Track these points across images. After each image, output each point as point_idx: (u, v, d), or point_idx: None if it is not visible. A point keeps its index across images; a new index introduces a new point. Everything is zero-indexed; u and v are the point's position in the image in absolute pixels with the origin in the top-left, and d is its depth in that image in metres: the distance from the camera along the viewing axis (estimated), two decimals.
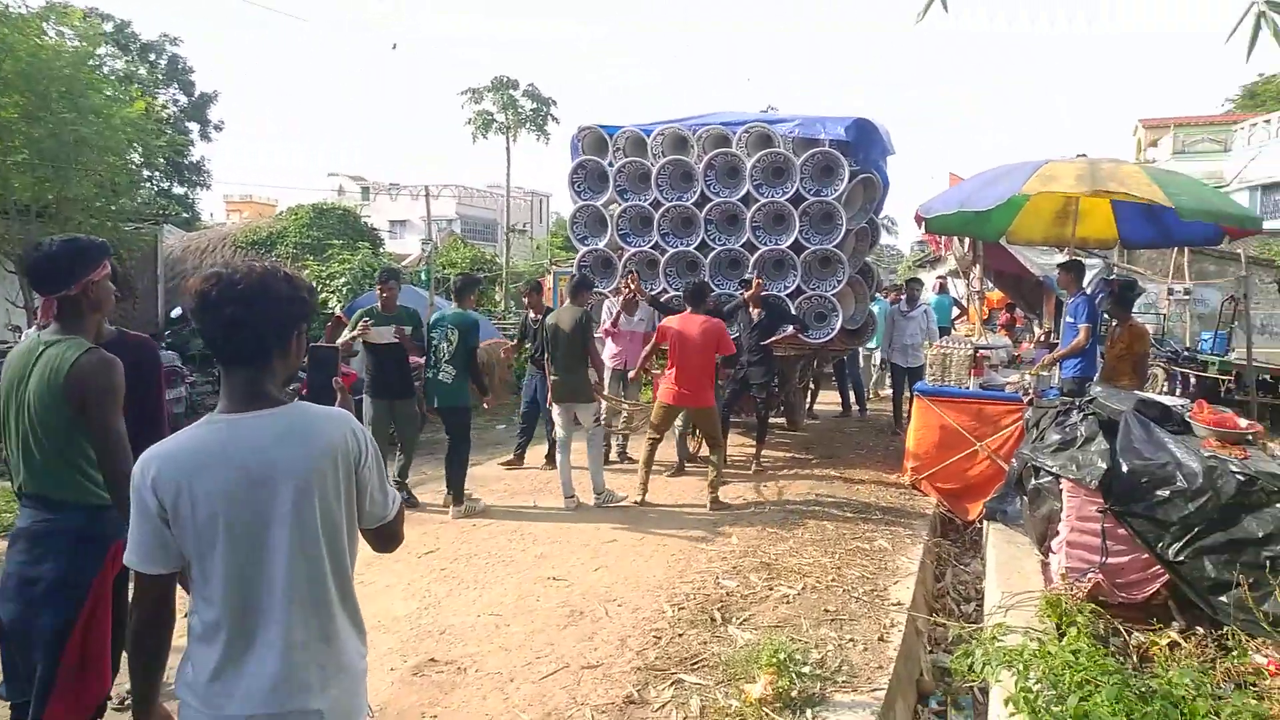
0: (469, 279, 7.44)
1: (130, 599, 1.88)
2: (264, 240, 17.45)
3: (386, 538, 2.06)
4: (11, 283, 10.73)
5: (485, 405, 7.29)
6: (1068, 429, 4.94)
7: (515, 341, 9.00)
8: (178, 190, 29.83)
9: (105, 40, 17.72)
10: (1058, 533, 4.78)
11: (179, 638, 1.93)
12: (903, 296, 10.84)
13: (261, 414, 1.80)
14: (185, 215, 27.49)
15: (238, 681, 1.78)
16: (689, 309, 7.18)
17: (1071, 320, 7.17)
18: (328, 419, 1.86)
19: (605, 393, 8.39)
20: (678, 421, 8.01)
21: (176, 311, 14.51)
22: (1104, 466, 4.49)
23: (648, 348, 7.51)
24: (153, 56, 29.17)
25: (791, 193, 8.40)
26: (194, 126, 30.78)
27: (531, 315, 8.49)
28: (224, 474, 1.74)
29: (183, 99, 30.42)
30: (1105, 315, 7.67)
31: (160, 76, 28.92)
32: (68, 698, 2.65)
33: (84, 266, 2.76)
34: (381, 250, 20.55)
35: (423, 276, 16.40)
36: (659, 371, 7.68)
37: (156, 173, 25.15)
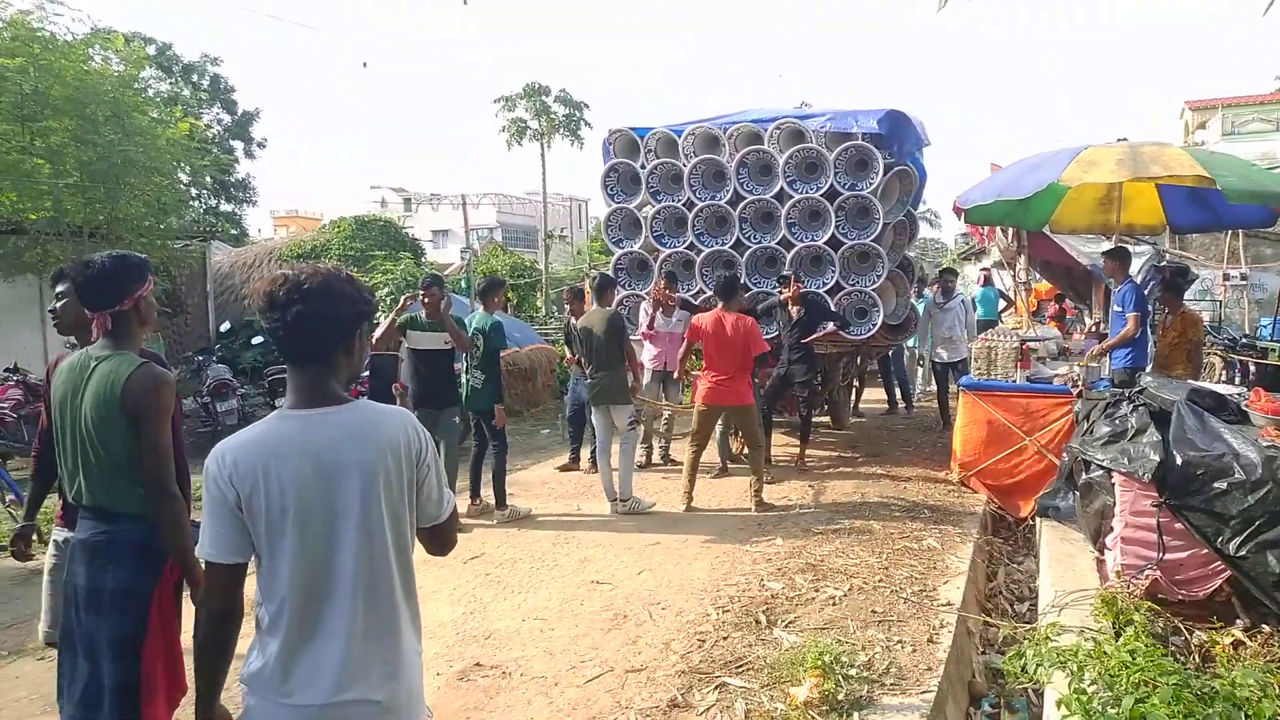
0: (492, 281, 7.47)
1: (200, 595, 1.91)
2: (308, 253, 17.75)
3: (441, 539, 2.10)
4: (44, 299, 11.05)
5: (496, 419, 6.80)
6: (1118, 421, 4.80)
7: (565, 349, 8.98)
8: (225, 207, 30.50)
9: (148, 63, 18.19)
10: (1112, 529, 4.64)
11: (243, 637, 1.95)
12: (937, 288, 10.54)
13: (329, 410, 1.87)
14: (234, 232, 28.08)
15: (301, 670, 1.82)
16: (720, 305, 7.07)
17: (1119, 309, 6.99)
18: (390, 416, 1.94)
19: (644, 395, 8.38)
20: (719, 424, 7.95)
21: (226, 326, 14.84)
22: (1157, 459, 4.35)
23: (682, 348, 7.41)
24: (195, 77, 29.87)
25: (826, 188, 8.32)
26: (238, 145, 31.45)
27: (573, 320, 8.51)
28: (296, 465, 1.81)
29: (226, 118, 31.12)
30: (1157, 303, 7.46)
31: (203, 96, 29.60)
32: (163, 701, 2.75)
33: (133, 282, 2.82)
34: (424, 260, 20.79)
35: (463, 285, 16.55)
36: (698, 372, 7.59)
37: (204, 191, 25.76)
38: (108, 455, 2.73)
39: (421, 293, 6.75)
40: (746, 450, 7.40)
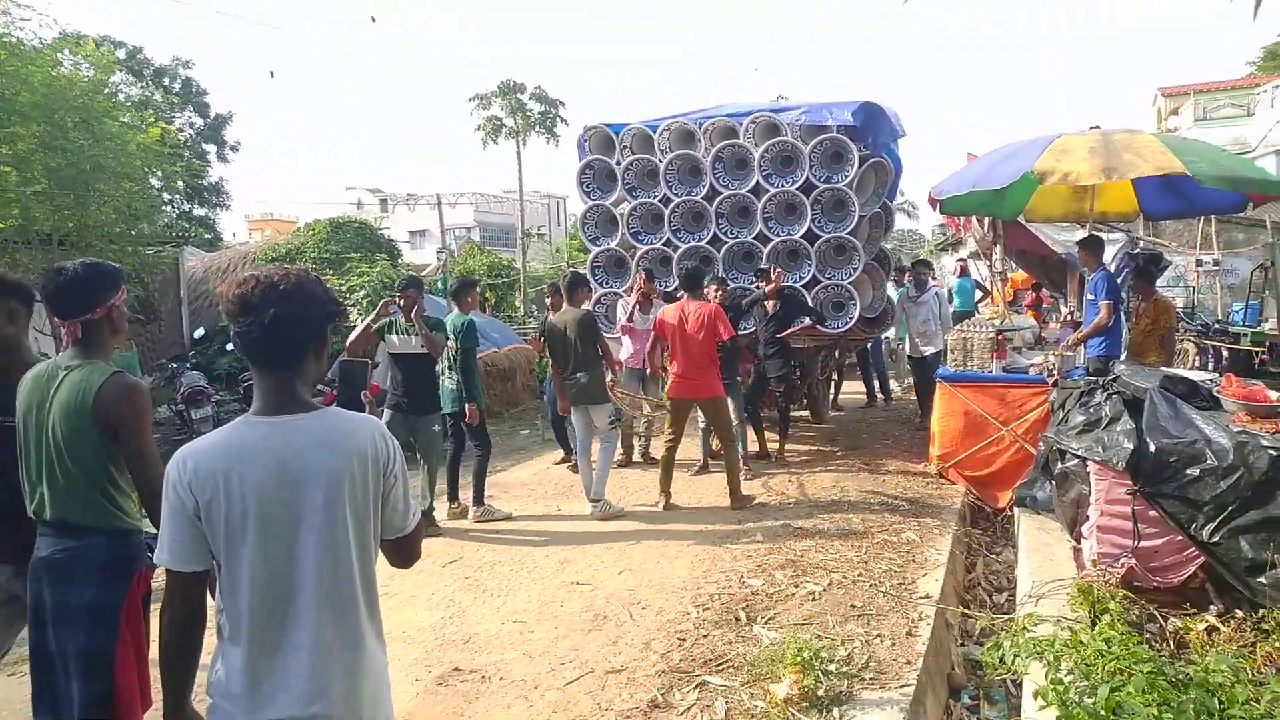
0: (464, 282, 7.41)
1: (162, 603, 1.88)
2: (283, 256, 17.59)
3: (405, 550, 2.05)
4: (38, 311, 10.86)
5: (468, 417, 6.69)
6: (1092, 409, 4.83)
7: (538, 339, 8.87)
8: (199, 212, 30.16)
9: (118, 67, 17.93)
10: (1087, 517, 4.67)
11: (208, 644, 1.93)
12: (909, 281, 10.20)
13: (297, 417, 1.84)
14: (207, 237, 27.78)
15: (267, 683, 1.79)
16: (685, 296, 6.99)
17: (1092, 298, 7.03)
18: (359, 424, 1.91)
19: (621, 391, 8.35)
20: (700, 420, 7.92)
21: (200, 332, 14.70)
22: (1130, 447, 4.38)
23: (648, 344, 7.30)
24: (166, 81, 29.52)
25: (801, 181, 8.32)
26: (211, 148, 31.12)
27: (551, 317, 8.46)
28: (260, 472, 1.78)
29: (199, 121, 30.77)
30: (1130, 290, 7.52)
31: (175, 100, 29.24)
32: (136, 715, 2.71)
33: (106, 290, 2.77)
34: (400, 261, 20.65)
35: (439, 285, 16.45)
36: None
37: (176, 196, 25.43)
38: (77, 467, 2.67)
39: (398, 295, 6.65)
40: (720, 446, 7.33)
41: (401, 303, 6.53)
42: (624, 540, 6.03)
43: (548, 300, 9.09)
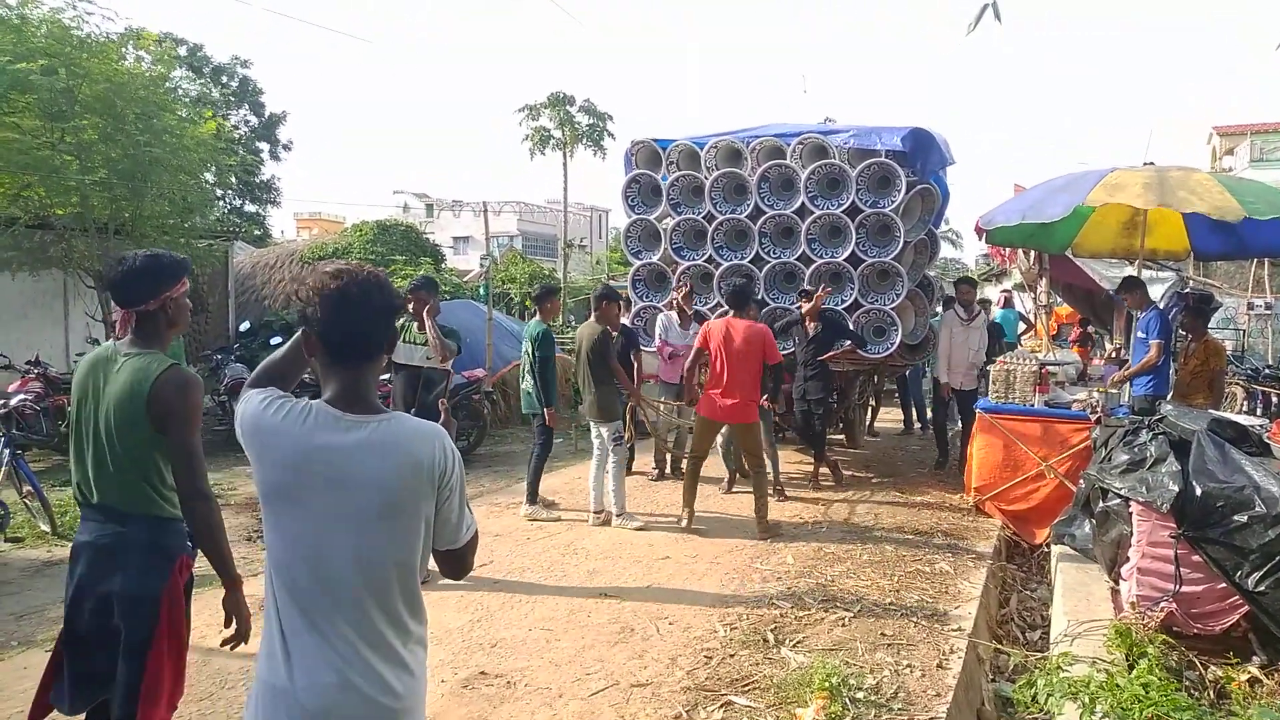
0: (547, 288, 7.50)
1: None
2: (330, 256, 17.84)
3: (456, 563, 2.03)
4: (90, 297, 11.16)
5: (548, 420, 6.84)
6: (1136, 449, 4.74)
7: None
8: (249, 208, 30.72)
9: (179, 63, 18.38)
10: (1128, 558, 4.58)
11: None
12: (957, 304, 8.87)
13: (360, 418, 1.83)
14: (257, 233, 28.27)
15: (300, 667, 1.79)
16: (732, 313, 6.73)
17: (1143, 336, 6.92)
18: (420, 433, 1.88)
19: (660, 403, 8.35)
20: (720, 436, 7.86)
21: (245, 325, 14.94)
22: (1175, 489, 4.29)
23: (689, 358, 6.93)
24: (224, 79, 30.15)
25: (847, 204, 8.29)
26: (264, 146, 31.71)
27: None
28: (310, 456, 1.79)
29: (253, 119, 31.39)
30: (1180, 330, 7.39)
31: (231, 98, 29.86)
32: (163, 702, 2.71)
33: (165, 282, 2.80)
34: (443, 266, 20.86)
35: (481, 291, 16.59)
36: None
37: (229, 191, 25.95)
38: (126, 453, 2.70)
39: (408, 295, 6.24)
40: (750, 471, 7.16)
41: (413, 305, 6.20)
42: (653, 554, 6.02)
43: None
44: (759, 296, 8.20)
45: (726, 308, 6.95)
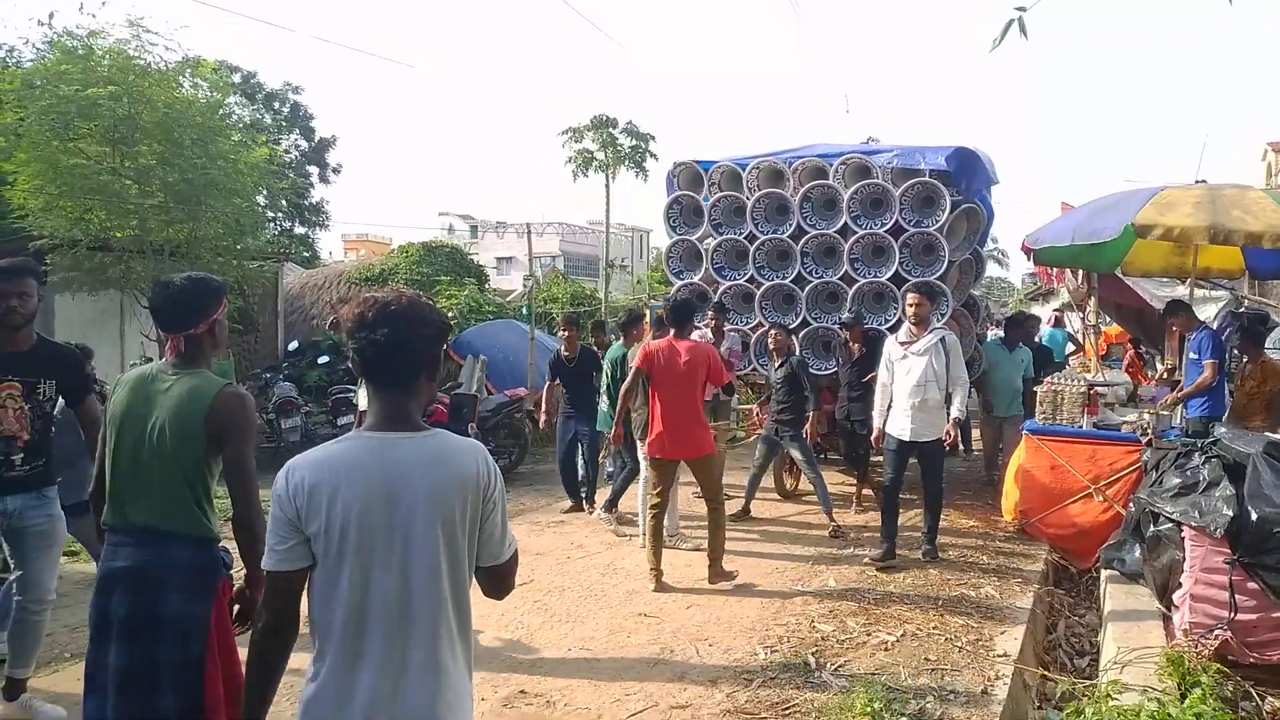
0: (633, 314, 7.73)
1: (259, 605, 1.95)
2: (376, 277, 18.13)
3: (498, 580, 2.05)
4: (146, 317, 11.48)
5: (611, 441, 6.78)
6: (1189, 472, 4.64)
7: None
8: (299, 230, 31.39)
9: (233, 90, 18.90)
10: (1180, 585, 4.47)
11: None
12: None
13: (405, 435, 1.89)
14: (306, 254, 28.86)
15: (341, 697, 1.81)
16: (671, 333, 5.90)
17: (1195, 356, 6.76)
18: (465, 449, 1.94)
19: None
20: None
21: (294, 345, 15.24)
22: (1230, 514, 4.18)
23: (627, 382, 6.11)
24: (276, 104, 30.94)
25: (891, 224, 8.24)
26: (314, 169, 32.43)
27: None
28: (362, 489, 1.82)
29: (304, 144, 32.12)
30: (1234, 351, 7.21)
31: (283, 123, 30.61)
32: None
33: (212, 305, 2.85)
34: (487, 286, 21.08)
35: (524, 311, 16.75)
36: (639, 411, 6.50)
37: (279, 213, 26.55)
38: (179, 471, 2.71)
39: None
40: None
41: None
42: (693, 575, 5.99)
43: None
44: (802, 315, 8.14)
45: (667, 325, 6.09)
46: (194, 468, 2.74)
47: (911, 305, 6.23)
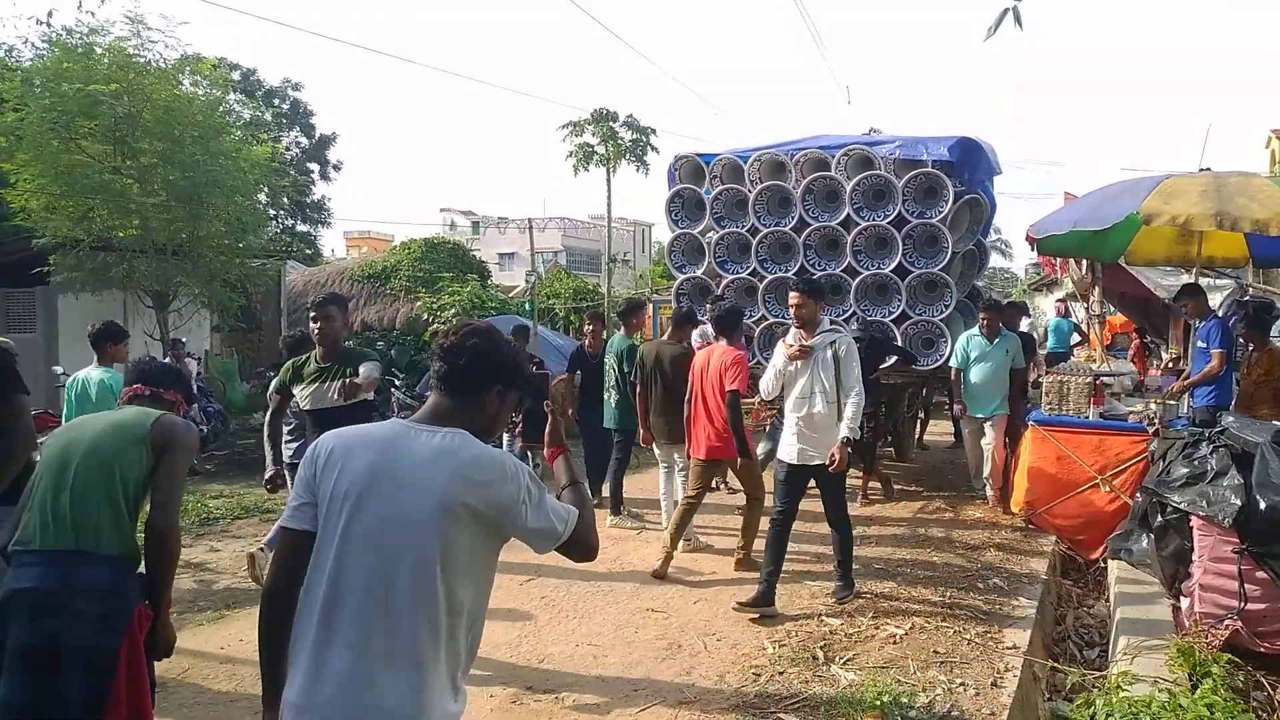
0: (633, 303, 7.56)
1: (270, 561, 2.01)
2: (378, 274, 18.11)
3: (574, 550, 2.10)
4: (149, 316, 11.49)
5: (642, 441, 6.78)
6: (1196, 462, 4.62)
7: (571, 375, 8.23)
8: (301, 228, 31.35)
9: (233, 87, 18.86)
10: (1189, 574, 4.46)
11: None
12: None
13: (431, 429, 1.96)
14: (308, 252, 28.82)
15: (310, 673, 1.83)
16: (723, 341, 6.08)
17: (1203, 345, 6.72)
18: (490, 454, 1.97)
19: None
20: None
21: None
22: (1238, 503, 4.17)
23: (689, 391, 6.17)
24: (276, 101, 30.88)
25: (893, 215, 8.21)
26: (315, 167, 32.37)
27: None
28: (371, 463, 1.91)
29: (304, 141, 32.05)
30: (1240, 340, 7.17)
31: (283, 120, 30.55)
32: None
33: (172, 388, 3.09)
34: (489, 282, 21.06)
35: (526, 307, 16.74)
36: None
37: (281, 211, 26.53)
38: (112, 482, 2.64)
39: (312, 315, 4.72)
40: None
41: (317, 331, 4.67)
42: (700, 569, 5.99)
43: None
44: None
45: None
46: (131, 482, 2.70)
47: (792, 305, 5.30)
